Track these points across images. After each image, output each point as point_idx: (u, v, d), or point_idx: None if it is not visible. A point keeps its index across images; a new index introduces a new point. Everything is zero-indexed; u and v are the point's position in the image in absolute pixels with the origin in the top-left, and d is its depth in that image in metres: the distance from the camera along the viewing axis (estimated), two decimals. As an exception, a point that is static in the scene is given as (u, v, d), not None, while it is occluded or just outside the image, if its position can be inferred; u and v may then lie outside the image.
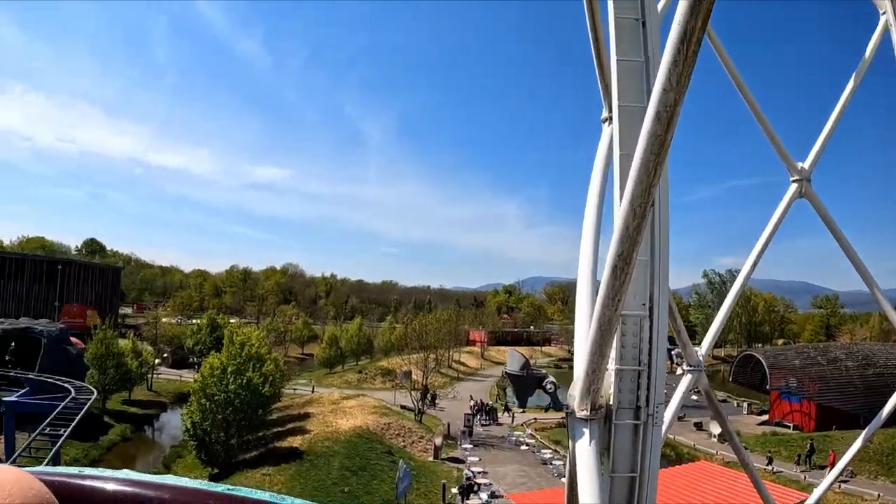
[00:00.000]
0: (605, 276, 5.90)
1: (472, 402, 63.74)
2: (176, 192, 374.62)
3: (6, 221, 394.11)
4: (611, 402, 7.56)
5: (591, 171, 10.02)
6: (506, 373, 74.90)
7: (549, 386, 67.18)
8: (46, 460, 21.53)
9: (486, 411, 62.36)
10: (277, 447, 45.30)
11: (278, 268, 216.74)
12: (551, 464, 46.65)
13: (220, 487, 1.33)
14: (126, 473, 1.35)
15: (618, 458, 7.69)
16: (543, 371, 76.87)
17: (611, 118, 9.86)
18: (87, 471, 1.33)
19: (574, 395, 7.12)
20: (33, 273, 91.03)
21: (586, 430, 7.05)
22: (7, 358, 50.98)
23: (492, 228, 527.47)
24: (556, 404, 62.67)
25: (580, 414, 7.07)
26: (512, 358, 74.06)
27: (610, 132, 9.84)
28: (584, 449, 6.99)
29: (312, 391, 72.36)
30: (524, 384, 69.37)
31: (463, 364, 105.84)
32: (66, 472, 1.32)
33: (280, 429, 50.69)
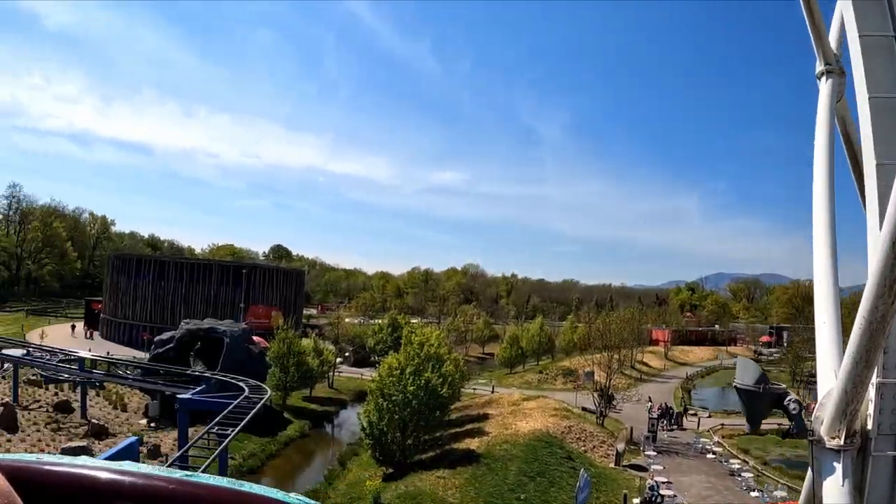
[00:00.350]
0: (879, 255, 4.13)
1: (649, 404, 60.58)
2: (357, 198, 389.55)
3: (199, 231, 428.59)
4: (868, 427, 5.64)
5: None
6: (735, 387, 63.21)
7: (792, 406, 54.61)
8: (212, 457, 21.57)
9: (670, 415, 59.12)
10: (454, 449, 44.33)
11: (459, 268, 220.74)
12: (739, 475, 42.92)
13: (177, 473, 1.33)
14: (84, 460, 1.33)
15: (873, 500, 5.76)
16: (783, 386, 65.42)
17: (828, 71, 7.99)
18: (45, 457, 1.33)
19: (822, 417, 5.29)
20: (220, 277, 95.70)
21: (838, 465, 5.21)
22: (191, 357, 53.26)
23: (671, 224, 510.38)
24: (800, 429, 52.59)
25: (831, 443, 5.23)
26: (744, 368, 61.05)
27: (830, 87, 7.95)
28: (836, 489, 5.18)
29: (492, 391, 71.48)
30: (759, 401, 58.09)
31: (646, 364, 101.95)
32: (24, 458, 1.32)
33: (458, 429, 49.88)
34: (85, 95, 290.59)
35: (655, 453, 47.80)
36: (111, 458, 18.75)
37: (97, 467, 1.28)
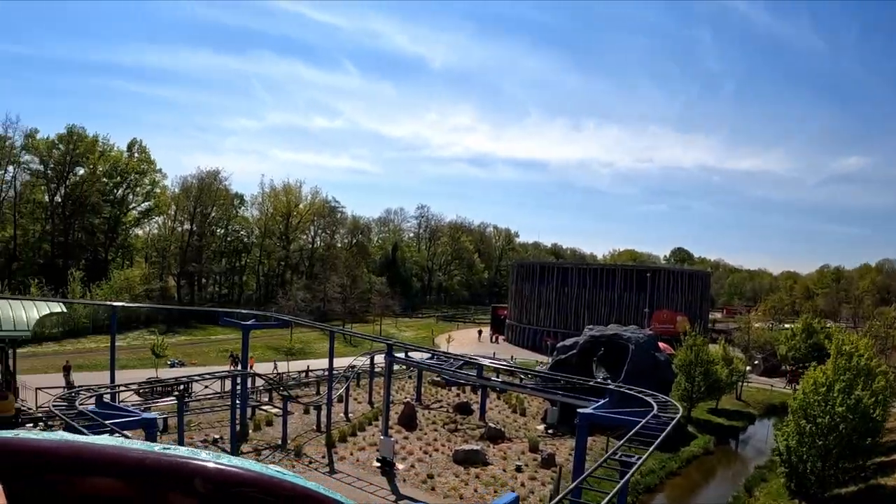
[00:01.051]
0: None
1: None
2: (755, 195, 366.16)
3: (598, 239, 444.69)
4: None
5: None
6: None
7: None
8: (617, 488, 19.83)
9: None
10: (881, 484, 38.22)
11: (873, 265, 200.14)
12: None
13: (156, 447, 1.36)
14: (61, 435, 1.36)
15: None
16: None
17: None
18: (22, 433, 1.35)
19: None
20: (624, 281, 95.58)
21: None
22: (593, 363, 52.78)
23: None
24: None
25: None
26: None
27: None
28: None
29: (921, 411, 62.85)
30: None
31: None
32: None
33: (883, 458, 42.36)
34: (478, 123, 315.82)
35: None
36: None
37: (75, 441, 1.31)
